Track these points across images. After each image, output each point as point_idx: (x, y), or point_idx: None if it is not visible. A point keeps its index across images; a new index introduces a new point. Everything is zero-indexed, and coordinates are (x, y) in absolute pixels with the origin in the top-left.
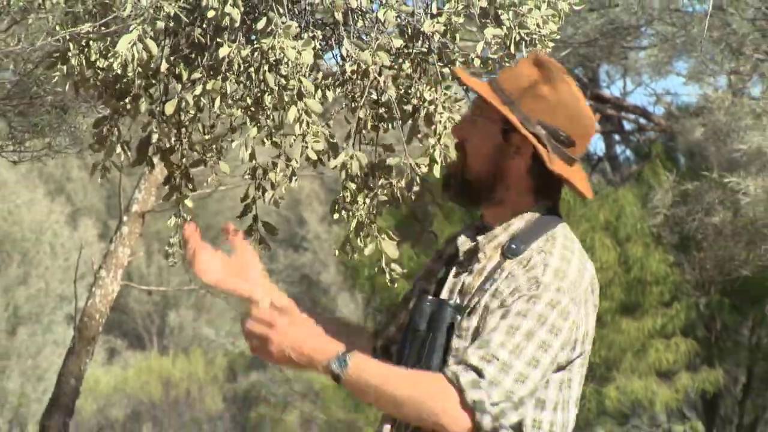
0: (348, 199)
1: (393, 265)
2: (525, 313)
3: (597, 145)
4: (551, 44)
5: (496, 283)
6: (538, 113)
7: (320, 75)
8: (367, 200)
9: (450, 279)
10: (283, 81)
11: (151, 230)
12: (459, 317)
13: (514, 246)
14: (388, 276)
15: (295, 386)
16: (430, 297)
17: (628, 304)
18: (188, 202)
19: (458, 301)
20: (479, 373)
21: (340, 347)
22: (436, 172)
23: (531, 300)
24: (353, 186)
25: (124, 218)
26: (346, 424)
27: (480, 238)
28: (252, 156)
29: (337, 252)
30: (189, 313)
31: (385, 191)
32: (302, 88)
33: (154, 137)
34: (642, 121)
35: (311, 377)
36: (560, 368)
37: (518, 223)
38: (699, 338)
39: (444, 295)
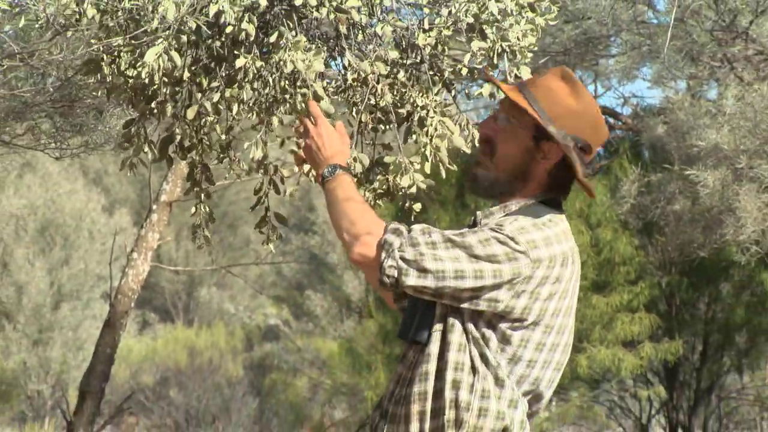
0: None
1: None
2: (476, 232)
3: None
4: (530, 54)
5: None
6: (569, 126)
7: (324, 82)
8: (367, 193)
9: None
10: (296, 89)
11: (178, 218)
12: None
13: (489, 216)
14: None
15: (305, 355)
16: None
17: (599, 282)
18: (204, 197)
19: None
20: (408, 231)
21: (342, 162)
22: (427, 168)
23: (488, 230)
24: (355, 180)
25: (154, 207)
26: (349, 388)
27: (478, 213)
28: (265, 154)
29: None
30: (212, 291)
31: (383, 185)
32: (315, 92)
33: (178, 137)
34: (611, 120)
35: (318, 347)
36: (506, 315)
37: (514, 206)
38: (661, 312)
39: None
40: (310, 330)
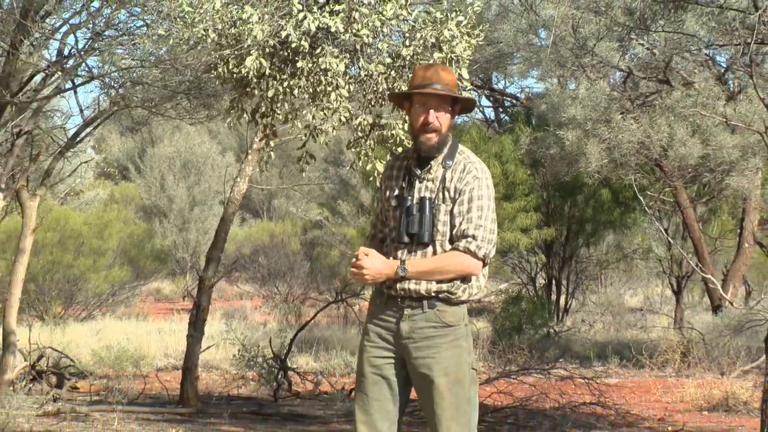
0: (360, 140)
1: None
2: (480, 197)
3: (491, 114)
4: (467, 61)
5: (453, 183)
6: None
7: (347, 77)
8: (370, 141)
9: (417, 185)
10: (330, 80)
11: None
12: (435, 203)
13: (448, 162)
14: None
15: (337, 237)
16: (409, 197)
17: (507, 194)
18: (272, 143)
19: (429, 195)
20: (475, 238)
21: (397, 263)
22: (405, 127)
23: (479, 188)
24: (363, 134)
25: (249, 151)
26: None
27: (433, 162)
28: (314, 117)
29: (356, 166)
30: (282, 200)
31: (380, 136)
32: (338, 84)
33: (261, 109)
34: (514, 101)
35: (345, 232)
36: None
37: (445, 149)
38: (543, 212)
39: (417, 194)
40: (340, 222)
